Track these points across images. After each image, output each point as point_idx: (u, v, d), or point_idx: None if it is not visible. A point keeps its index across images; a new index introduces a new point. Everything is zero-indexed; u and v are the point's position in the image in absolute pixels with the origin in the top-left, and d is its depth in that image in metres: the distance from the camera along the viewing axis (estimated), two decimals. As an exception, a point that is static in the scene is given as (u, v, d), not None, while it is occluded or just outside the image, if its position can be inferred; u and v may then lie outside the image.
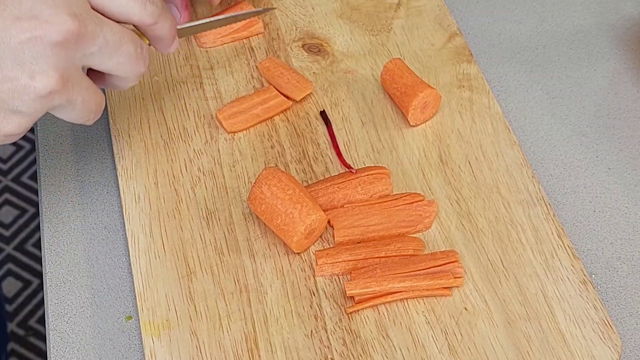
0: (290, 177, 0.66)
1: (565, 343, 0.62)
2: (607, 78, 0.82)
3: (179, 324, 0.63)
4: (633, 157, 0.76)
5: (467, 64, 0.79)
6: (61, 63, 0.57)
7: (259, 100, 0.75)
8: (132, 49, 0.62)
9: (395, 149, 0.73)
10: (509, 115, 0.79)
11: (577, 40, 0.85)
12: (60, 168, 0.75)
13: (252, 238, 0.68)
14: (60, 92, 0.58)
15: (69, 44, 0.57)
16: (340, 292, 0.65)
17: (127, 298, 0.67)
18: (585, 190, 0.74)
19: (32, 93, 0.57)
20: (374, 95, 0.77)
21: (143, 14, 0.63)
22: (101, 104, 0.63)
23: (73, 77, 0.59)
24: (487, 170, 0.72)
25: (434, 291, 0.64)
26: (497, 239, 0.68)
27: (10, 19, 0.56)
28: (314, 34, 0.82)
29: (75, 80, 0.59)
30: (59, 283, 0.68)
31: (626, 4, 0.88)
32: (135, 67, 0.63)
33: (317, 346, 0.62)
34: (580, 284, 0.65)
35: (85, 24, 0.58)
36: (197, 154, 0.73)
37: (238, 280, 0.65)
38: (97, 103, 0.62)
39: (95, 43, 0.59)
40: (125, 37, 0.61)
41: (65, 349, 0.65)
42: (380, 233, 0.68)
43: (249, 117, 0.74)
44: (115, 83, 0.65)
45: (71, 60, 0.58)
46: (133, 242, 0.67)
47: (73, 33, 0.57)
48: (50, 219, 0.72)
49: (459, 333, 0.63)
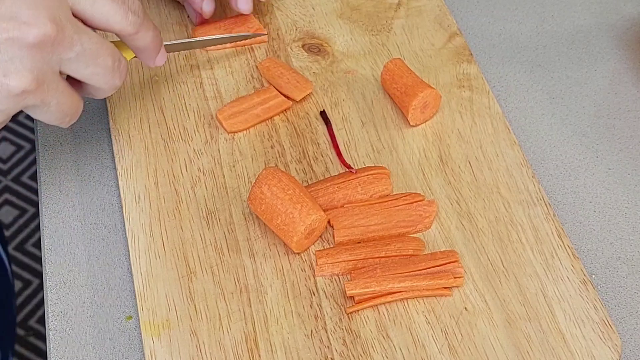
0: (290, 177, 0.66)
1: (565, 343, 0.62)
2: (607, 78, 0.82)
3: (179, 324, 0.63)
4: (633, 157, 0.76)
5: (467, 64, 0.79)
6: (37, 64, 0.58)
7: (259, 100, 0.75)
8: (109, 61, 0.62)
9: (395, 149, 0.73)
10: (509, 115, 0.79)
11: (577, 41, 0.85)
12: (60, 168, 0.75)
13: (252, 238, 0.68)
14: (34, 93, 0.58)
15: (45, 46, 0.58)
16: (340, 292, 0.65)
17: (127, 298, 0.67)
18: (585, 190, 0.74)
19: (5, 91, 0.57)
20: (374, 95, 0.77)
21: (124, 23, 0.63)
22: (77, 108, 0.63)
23: (48, 80, 0.59)
24: (487, 170, 0.72)
25: (434, 291, 0.64)
26: (497, 239, 0.68)
27: None
28: (314, 34, 0.82)
29: (50, 83, 0.60)
30: (59, 283, 0.68)
31: (626, 4, 0.88)
32: (110, 80, 0.63)
33: (317, 346, 0.62)
34: (580, 284, 0.65)
35: (64, 29, 0.58)
36: (197, 154, 0.73)
37: (238, 280, 0.65)
38: (72, 107, 0.63)
39: (73, 50, 0.59)
40: (104, 48, 0.62)
41: (65, 349, 0.65)
42: (380, 233, 0.68)
43: (249, 117, 0.74)
44: (90, 91, 0.66)
45: (47, 63, 0.59)
46: (133, 242, 0.67)
47: (50, 37, 0.57)
48: (50, 219, 0.72)
49: (459, 333, 0.63)
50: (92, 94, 0.66)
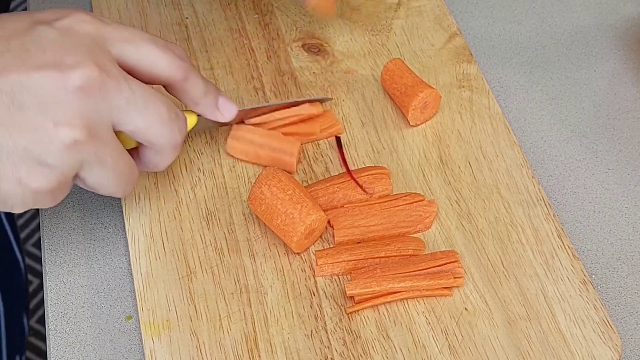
0: (290, 177, 0.66)
1: (566, 343, 0.62)
2: (607, 78, 0.82)
3: (179, 325, 0.63)
4: (633, 158, 0.76)
5: (467, 64, 0.79)
6: (86, 112, 0.56)
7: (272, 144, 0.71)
8: (163, 110, 0.59)
9: (395, 149, 0.73)
10: (509, 116, 0.79)
11: (577, 41, 0.85)
12: (60, 168, 0.75)
13: (252, 238, 0.68)
14: (87, 144, 0.56)
15: (92, 90, 0.56)
16: (341, 292, 0.65)
17: (127, 298, 0.67)
18: (585, 190, 0.74)
19: (57, 142, 0.55)
20: (374, 95, 0.77)
21: (172, 67, 0.60)
22: (134, 174, 0.60)
23: (101, 132, 0.57)
24: (487, 171, 0.72)
25: (434, 291, 0.64)
26: (497, 239, 0.68)
27: (33, 68, 0.55)
28: (314, 34, 0.82)
29: (103, 137, 0.57)
30: (59, 283, 0.68)
31: (626, 4, 0.88)
32: (168, 132, 0.60)
33: (318, 346, 0.62)
34: (581, 284, 0.65)
35: (109, 72, 0.57)
36: (197, 154, 0.73)
37: (238, 281, 0.65)
38: (129, 171, 0.60)
39: (122, 95, 0.57)
40: (155, 95, 0.59)
41: (65, 349, 0.65)
42: (380, 233, 0.68)
43: (252, 153, 0.71)
44: (150, 159, 0.62)
45: (97, 112, 0.56)
46: (133, 243, 0.67)
47: (96, 79, 0.56)
48: (50, 219, 0.72)
49: (459, 333, 0.63)
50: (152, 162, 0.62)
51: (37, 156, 0.55)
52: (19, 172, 0.55)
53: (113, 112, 0.57)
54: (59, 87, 0.55)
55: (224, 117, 0.67)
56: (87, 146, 0.56)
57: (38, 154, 0.55)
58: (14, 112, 0.54)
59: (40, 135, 0.55)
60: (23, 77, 0.55)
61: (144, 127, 0.59)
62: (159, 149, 0.61)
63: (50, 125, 0.55)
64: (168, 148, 0.61)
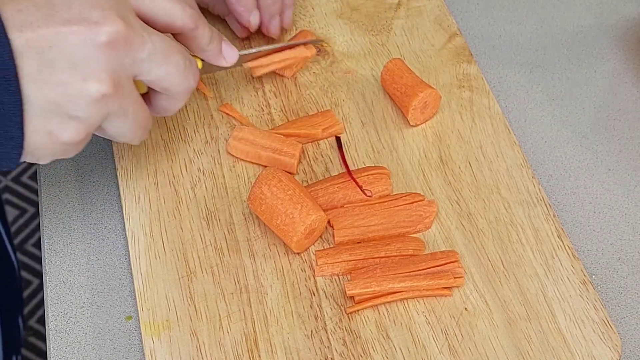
0: (290, 177, 0.66)
1: (566, 343, 0.62)
2: (607, 79, 0.82)
3: (179, 324, 0.63)
4: (633, 158, 0.76)
5: (467, 64, 0.79)
6: (112, 66, 0.57)
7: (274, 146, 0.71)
8: (180, 60, 0.61)
9: (395, 149, 0.73)
10: (509, 116, 0.79)
11: (577, 41, 0.85)
12: (60, 168, 0.75)
13: (252, 238, 0.68)
14: (113, 97, 0.58)
15: (118, 45, 0.57)
16: (340, 292, 0.65)
17: (127, 298, 0.67)
18: (585, 190, 0.74)
19: (86, 96, 0.57)
20: (374, 95, 0.77)
21: (185, 17, 0.62)
22: (149, 122, 0.63)
23: (124, 85, 0.59)
24: (487, 171, 0.72)
25: (434, 291, 0.64)
26: (497, 239, 0.68)
27: (60, 23, 0.56)
28: (315, 34, 0.82)
29: (126, 89, 0.59)
30: (59, 283, 0.68)
31: (626, 4, 0.88)
32: (184, 80, 0.62)
33: (317, 346, 0.62)
34: (581, 285, 0.65)
35: (134, 27, 0.58)
36: (197, 154, 0.73)
37: (238, 281, 0.65)
38: (146, 119, 0.62)
39: (144, 48, 0.59)
40: (173, 46, 0.61)
41: (65, 349, 0.65)
42: (380, 233, 0.68)
43: (253, 153, 0.72)
44: (163, 104, 0.65)
45: (121, 66, 0.58)
46: (133, 242, 0.67)
47: (122, 34, 0.57)
48: (50, 219, 0.72)
49: (459, 333, 0.63)
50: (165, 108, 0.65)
51: (67, 110, 0.57)
52: (50, 126, 0.57)
53: (135, 64, 0.59)
54: (87, 42, 0.56)
55: (227, 62, 0.69)
56: (113, 99, 0.58)
57: (68, 107, 0.57)
58: (43, 68, 0.56)
59: (70, 89, 0.56)
60: (51, 33, 0.56)
61: (163, 76, 0.61)
62: (174, 94, 0.64)
63: (79, 80, 0.56)
64: (183, 94, 0.64)
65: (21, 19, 0.55)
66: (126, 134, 0.62)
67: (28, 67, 0.55)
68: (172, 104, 0.65)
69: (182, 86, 0.63)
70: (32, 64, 0.55)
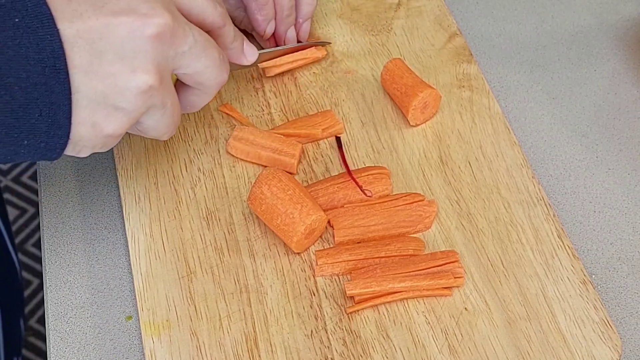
0: (290, 177, 0.66)
1: (566, 343, 0.62)
2: (607, 78, 0.82)
3: (179, 324, 0.63)
4: (633, 158, 0.76)
5: (467, 64, 0.79)
6: (158, 59, 0.58)
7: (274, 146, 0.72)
8: (216, 54, 0.62)
9: (395, 149, 0.73)
10: (509, 116, 0.79)
11: (577, 41, 0.85)
12: (60, 168, 0.75)
13: (252, 238, 0.68)
14: (158, 90, 0.58)
15: (165, 38, 0.58)
16: (340, 292, 0.65)
17: (127, 298, 0.67)
18: (585, 190, 0.74)
19: (134, 88, 0.57)
20: (374, 95, 0.77)
21: (215, 14, 0.63)
22: (179, 117, 0.63)
23: (166, 77, 0.59)
24: (487, 171, 0.72)
25: (434, 291, 0.64)
26: (497, 239, 0.68)
27: (109, 14, 0.56)
28: (314, 34, 0.82)
29: (167, 82, 0.60)
30: (59, 283, 0.68)
31: (626, 4, 0.88)
32: (219, 74, 0.63)
33: (317, 346, 0.62)
34: (580, 284, 0.65)
35: (178, 20, 0.59)
36: (197, 154, 0.73)
37: (238, 281, 0.65)
38: (179, 114, 0.63)
39: (187, 42, 0.59)
40: (210, 40, 0.62)
41: (65, 349, 0.65)
42: (380, 233, 0.68)
43: (253, 153, 0.72)
44: (193, 99, 0.65)
45: (166, 58, 0.58)
46: (133, 242, 0.67)
47: (169, 26, 0.57)
48: (50, 219, 0.72)
49: (459, 333, 0.63)
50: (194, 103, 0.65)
51: (114, 101, 0.57)
52: (96, 117, 0.57)
53: (178, 57, 0.60)
54: (136, 34, 0.57)
55: (248, 61, 0.70)
56: (157, 91, 0.58)
57: (115, 99, 0.57)
58: (92, 59, 0.56)
59: (118, 81, 0.57)
60: (101, 24, 0.56)
61: (201, 70, 0.62)
62: (207, 88, 0.64)
63: (127, 72, 0.57)
64: (215, 88, 0.64)
65: (71, 10, 0.55)
66: (161, 128, 0.62)
67: (79, 58, 0.55)
68: (201, 99, 0.65)
69: (217, 80, 0.63)
70: (83, 55, 0.56)
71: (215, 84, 0.64)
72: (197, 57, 0.61)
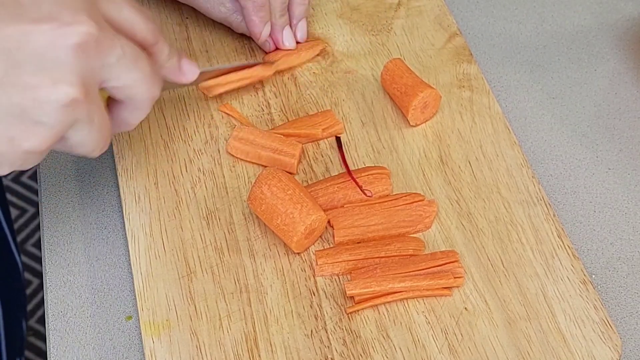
0: (290, 177, 0.66)
1: (565, 343, 0.62)
2: (607, 78, 0.82)
3: (179, 324, 0.63)
4: (633, 157, 0.76)
5: (467, 64, 0.79)
6: (82, 71, 0.55)
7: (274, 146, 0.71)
8: (147, 67, 0.60)
9: (395, 149, 0.73)
10: (509, 116, 0.79)
11: (577, 41, 0.85)
12: (60, 168, 0.75)
13: (252, 238, 0.68)
14: (82, 103, 0.55)
15: (89, 48, 0.55)
16: (340, 292, 0.65)
17: (127, 298, 0.67)
18: (585, 190, 0.74)
19: (55, 102, 0.54)
20: (374, 95, 0.77)
21: (146, 30, 0.61)
22: (110, 134, 0.60)
23: (92, 90, 0.56)
24: (487, 171, 0.72)
25: (434, 291, 0.64)
26: (497, 239, 0.68)
27: (29, 22, 0.53)
28: (314, 34, 0.82)
29: (93, 95, 0.57)
30: (59, 283, 0.68)
31: (626, 4, 0.88)
32: (151, 87, 0.61)
33: (317, 346, 0.62)
34: (581, 284, 0.65)
35: (104, 30, 0.56)
36: (197, 154, 0.73)
37: (238, 280, 0.65)
38: (108, 130, 0.60)
39: (114, 53, 0.57)
40: (140, 52, 0.60)
41: (65, 349, 0.65)
42: (380, 233, 0.68)
43: (253, 153, 0.72)
44: (125, 116, 0.63)
45: (91, 70, 0.56)
46: (133, 242, 0.67)
47: (93, 36, 0.55)
48: (50, 219, 0.72)
49: (459, 333, 0.63)
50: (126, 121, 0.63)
51: (33, 115, 0.54)
52: (13, 132, 0.54)
53: (104, 69, 0.57)
54: (57, 43, 0.53)
55: (187, 79, 0.67)
56: (82, 105, 0.55)
57: (34, 112, 0.54)
58: (9, 70, 0.53)
59: (38, 93, 0.53)
60: (19, 32, 0.53)
61: (130, 83, 0.59)
62: (138, 103, 0.62)
63: (48, 84, 0.53)
64: (148, 102, 0.62)
65: None
66: (88, 144, 0.59)
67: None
68: (134, 116, 0.63)
69: (148, 94, 0.61)
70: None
71: (147, 99, 0.61)
72: (127, 69, 0.58)
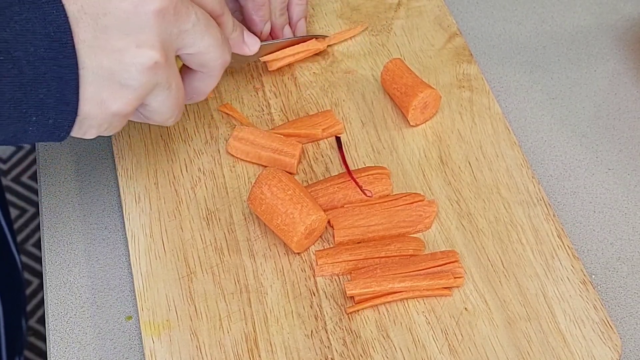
0: (290, 177, 0.66)
1: (565, 343, 0.62)
2: (607, 78, 0.82)
3: (179, 324, 0.63)
4: (633, 158, 0.76)
5: (467, 64, 0.79)
6: (162, 35, 0.58)
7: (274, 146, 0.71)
8: (218, 33, 0.63)
9: (395, 149, 0.73)
10: (509, 116, 0.79)
11: (577, 41, 0.85)
12: (60, 168, 0.75)
13: (252, 238, 0.68)
14: (163, 67, 0.58)
15: (168, 14, 0.58)
16: (341, 292, 0.65)
17: (127, 298, 0.67)
18: (585, 190, 0.74)
19: (139, 64, 0.57)
20: (374, 95, 0.77)
21: (214, 2, 0.63)
22: (183, 102, 0.63)
23: (170, 57, 0.60)
24: (487, 171, 0.72)
25: (434, 291, 0.64)
26: (497, 239, 0.68)
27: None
28: (314, 34, 0.82)
29: (171, 61, 0.60)
30: (59, 283, 0.68)
31: (626, 4, 0.88)
32: (222, 53, 0.63)
33: (318, 346, 0.62)
34: (580, 284, 0.65)
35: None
36: (197, 154, 0.73)
37: (238, 281, 0.65)
38: (182, 97, 0.63)
39: (190, 19, 0.60)
40: (212, 20, 0.62)
41: (65, 349, 0.65)
42: (380, 233, 0.68)
43: (253, 153, 0.72)
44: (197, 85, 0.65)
45: (169, 36, 0.59)
46: (133, 242, 0.67)
47: (171, 2, 0.58)
48: (50, 219, 0.72)
49: (459, 333, 0.63)
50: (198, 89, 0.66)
51: (120, 78, 0.57)
52: (103, 94, 0.57)
53: (181, 36, 0.60)
54: (139, 9, 0.57)
55: (250, 50, 0.71)
56: (162, 69, 0.59)
57: (121, 75, 0.57)
58: (98, 34, 0.56)
59: (124, 56, 0.57)
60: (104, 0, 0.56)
61: (204, 49, 0.62)
62: (210, 70, 0.64)
63: (133, 47, 0.57)
64: (219, 69, 0.65)
65: None
66: (165, 111, 0.62)
67: (84, 33, 0.56)
68: (206, 84, 0.65)
69: (220, 60, 0.64)
70: (88, 30, 0.56)
71: (219, 65, 0.64)
72: (200, 35, 0.61)
